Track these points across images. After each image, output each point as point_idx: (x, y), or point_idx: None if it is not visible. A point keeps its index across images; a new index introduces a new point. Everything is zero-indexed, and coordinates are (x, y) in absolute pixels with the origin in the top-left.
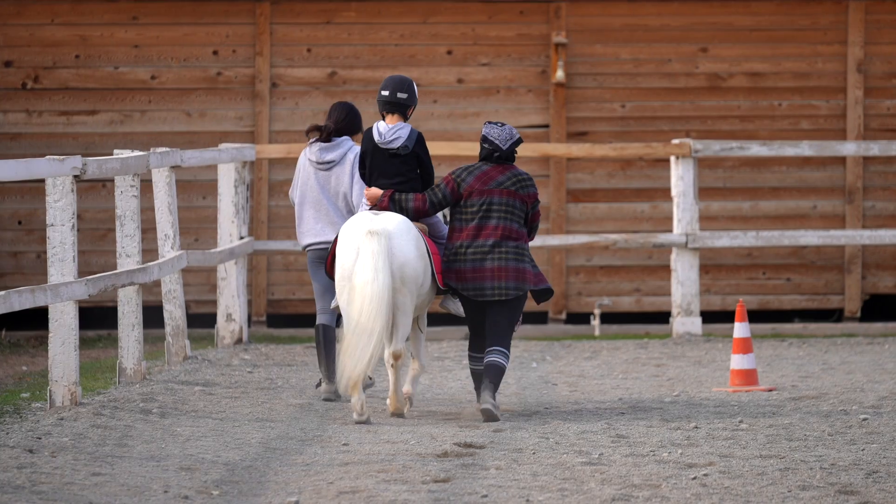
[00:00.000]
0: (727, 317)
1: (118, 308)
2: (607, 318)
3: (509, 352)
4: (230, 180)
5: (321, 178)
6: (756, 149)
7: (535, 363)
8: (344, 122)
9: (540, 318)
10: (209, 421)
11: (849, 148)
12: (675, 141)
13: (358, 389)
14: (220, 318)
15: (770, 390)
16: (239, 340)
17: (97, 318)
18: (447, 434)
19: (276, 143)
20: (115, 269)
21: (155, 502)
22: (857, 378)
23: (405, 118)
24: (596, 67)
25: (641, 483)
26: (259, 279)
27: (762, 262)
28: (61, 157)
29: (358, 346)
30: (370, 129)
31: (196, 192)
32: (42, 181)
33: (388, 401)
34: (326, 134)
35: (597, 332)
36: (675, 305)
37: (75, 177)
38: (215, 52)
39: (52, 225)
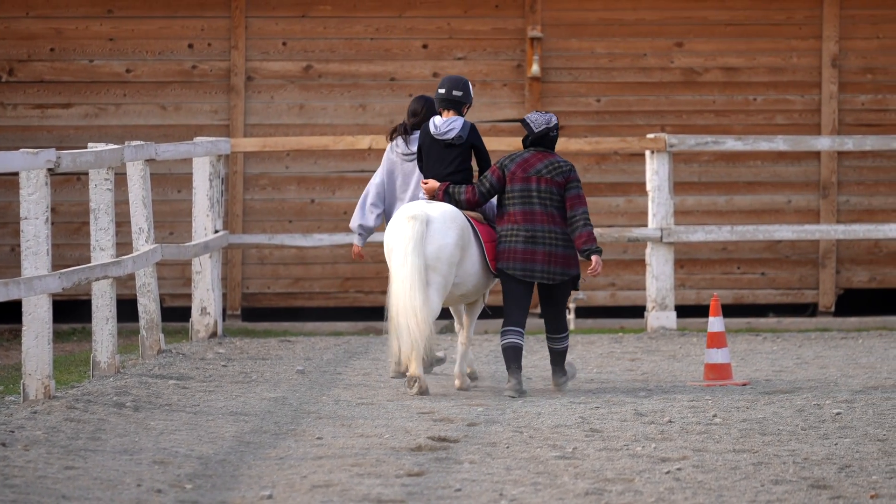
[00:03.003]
0: (702, 311)
1: (92, 301)
2: (582, 312)
3: (567, 331)
4: (205, 174)
5: (407, 169)
6: (731, 143)
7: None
8: (423, 114)
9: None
10: (183, 415)
11: (823, 143)
12: (651, 135)
13: (415, 365)
14: (195, 312)
15: (744, 384)
16: (214, 334)
17: (71, 312)
18: (421, 428)
19: (251, 137)
20: (90, 262)
21: (128, 496)
22: (831, 372)
23: (460, 114)
24: (571, 62)
25: (615, 477)
26: (234, 273)
27: (737, 257)
28: (35, 150)
29: (401, 325)
30: (427, 124)
31: (171, 185)
32: (16, 174)
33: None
34: (407, 128)
35: (571, 326)
36: (649, 300)
37: (49, 170)
38: (190, 46)
39: (25, 218)
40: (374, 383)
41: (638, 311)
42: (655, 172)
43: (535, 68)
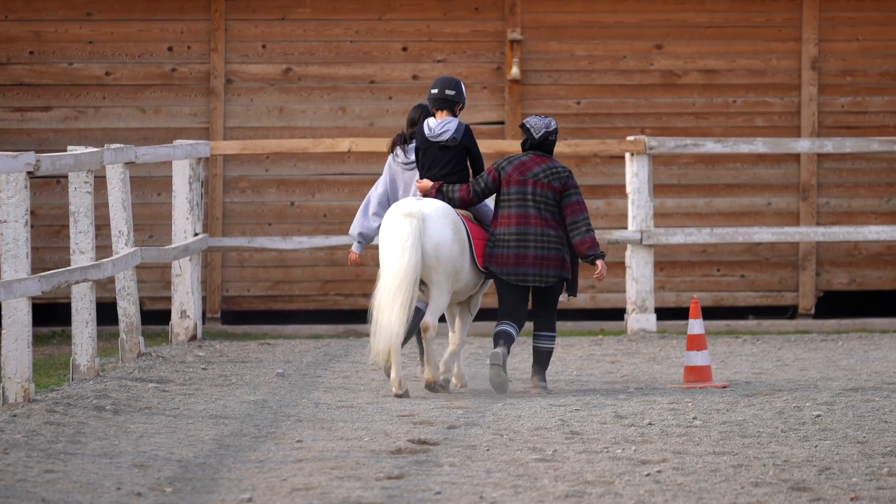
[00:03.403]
0: (682, 313)
1: (72, 305)
2: (562, 314)
3: (555, 332)
4: (185, 177)
5: (407, 178)
6: (711, 146)
7: (489, 360)
8: (419, 122)
9: (495, 314)
10: (163, 418)
11: (803, 145)
12: (630, 138)
13: (393, 363)
14: (175, 315)
15: (724, 387)
16: (193, 337)
17: (51, 315)
18: (401, 431)
19: (230, 140)
20: (69, 265)
21: (108, 499)
22: (811, 375)
23: (454, 114)
24: (551, 64)
25: (595, 480)
26: (213, 276)
27: (717, 259)
28: (15, 153)
29: (382, 322)
30: (422, 126)
31: (150, 188)
32: None
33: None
34: (405, 137)
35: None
36: (629, 302)
37: (29, 173)
38: (170, 49)
39: (5, 221)
40: (354, 386)
41: (618, 314)
42: (635, 175)
43: (514, 71)
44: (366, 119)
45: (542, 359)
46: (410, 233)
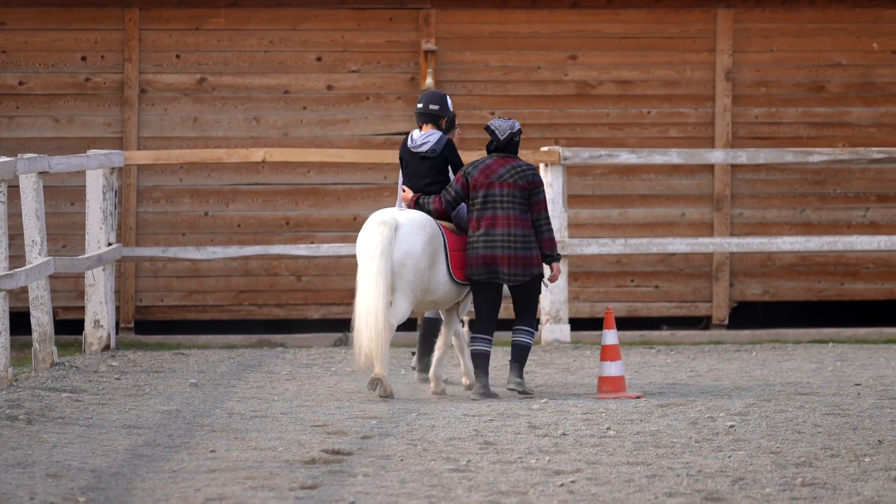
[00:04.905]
0: (596, 324)
1: None
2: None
3: (535, 329)
4: (98, 186)
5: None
6: (625, 156)
7: (403, 370)
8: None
9: (410, 324)
10: (76, 427)
11: (717, 156)
12: (545, 148)
13: (380, 365)
14: (88, 325)
15: (638, 397)
16: (107, 347)
17: None
18: (315, 441)
19: (144, 150)
20: None
21: None
22: (725, 385)
23: (438, 127)
24: (465, 75)
25: (509, 490)
26: (127, 286)
27: (631, 270)
28: None
29: (359, 327)
30: (406, 137)
31: (64, 197)
32: None
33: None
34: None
35: (467, 339)
36: (543, 312)
37: None
38: (84, 58)
39: None
40: (268, 396)
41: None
42: (549, 185)
43: (429, 81)
44: (280, 129)
45: (519, 354)
46: (381, 241)
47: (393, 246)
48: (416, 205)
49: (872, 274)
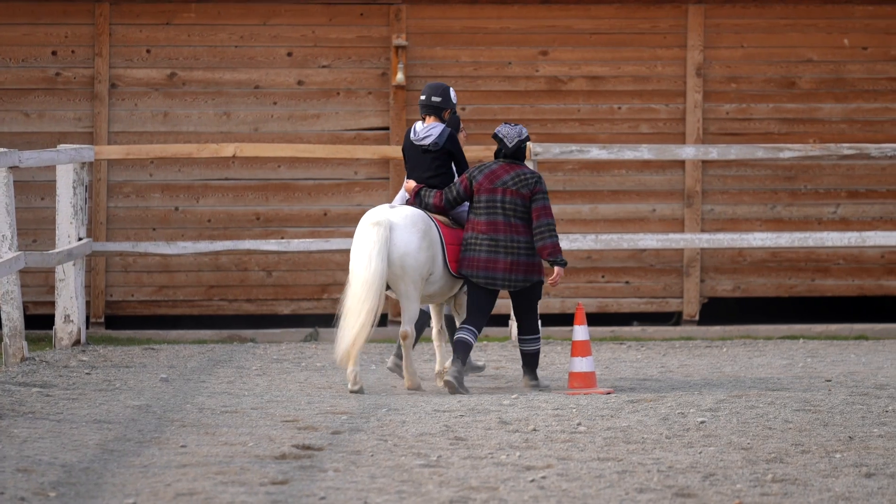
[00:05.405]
0: (566, 320)
1: None
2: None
3: (539, 334)
4: (68, 181)
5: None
6: (596, 152)
7: (374, 365)
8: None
9: (383, 319)
10: (46, 423)
11: (688, 152)
12: None
13: (353, 362)
14: (59, 320)
15: (608, 393)
16: (77, 342)
17: None
18: (285, 436)
19: (115, 144)
20: None
21: None
22: (695, 381)
23: (441, 120)
24: (436, 70)
25: (479, 485)
26: (98, 280)
27: (601, 266)
28: None
29: (347, 325)
30: (409, 129)
31: (34, 192)
32: None
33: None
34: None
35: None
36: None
37: None
38: (54, 53)
39: None
40: (238, 391)
41: (502, 320)
42: None
43: (399, 76)
44: (250, 124)
45: (529, 360)
46: (377, 241)
47: (389, 247)
48: (416, 196)
49: (843, 270)
